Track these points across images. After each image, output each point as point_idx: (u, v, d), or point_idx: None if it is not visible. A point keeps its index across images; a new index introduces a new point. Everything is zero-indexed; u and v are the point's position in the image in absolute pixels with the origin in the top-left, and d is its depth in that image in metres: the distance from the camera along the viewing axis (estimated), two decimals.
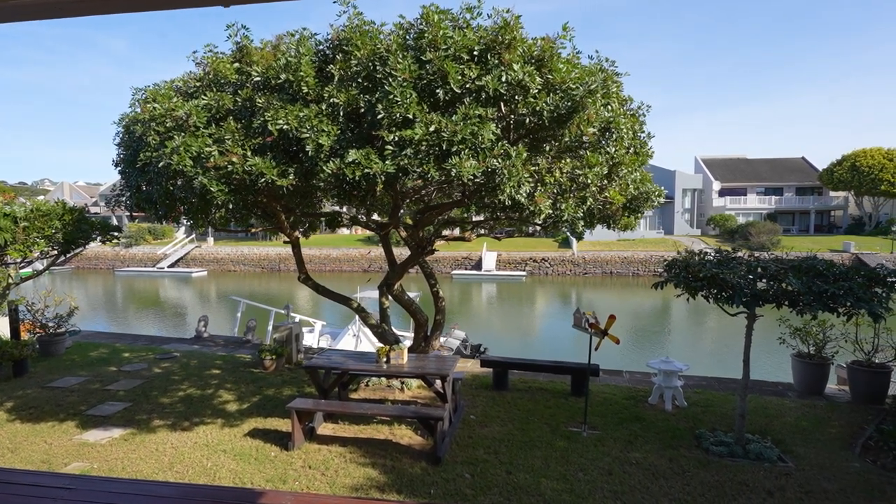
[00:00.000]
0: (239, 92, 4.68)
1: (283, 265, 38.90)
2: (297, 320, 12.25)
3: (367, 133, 4.26)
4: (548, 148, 4.68)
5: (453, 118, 3.85)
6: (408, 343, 11.73)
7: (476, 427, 6.44)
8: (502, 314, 24.23)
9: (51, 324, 10.59)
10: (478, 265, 37.10)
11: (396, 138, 3.92)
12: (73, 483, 3.76)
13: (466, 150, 3.82)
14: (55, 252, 6.71)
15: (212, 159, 4.24)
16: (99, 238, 7.22)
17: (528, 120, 4.17)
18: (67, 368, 9.17)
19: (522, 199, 4.13)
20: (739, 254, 5.84)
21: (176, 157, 4.31)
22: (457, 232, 9.51)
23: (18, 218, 5.60)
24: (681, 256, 5.92)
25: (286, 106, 4.30)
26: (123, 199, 6.09)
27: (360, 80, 4.25)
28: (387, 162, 3.95)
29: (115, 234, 7.31)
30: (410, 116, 3.87)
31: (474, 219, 8.54)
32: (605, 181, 4.86)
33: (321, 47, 4.76)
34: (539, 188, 4.35)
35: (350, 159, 3.97)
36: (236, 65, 4.88)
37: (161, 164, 4.42)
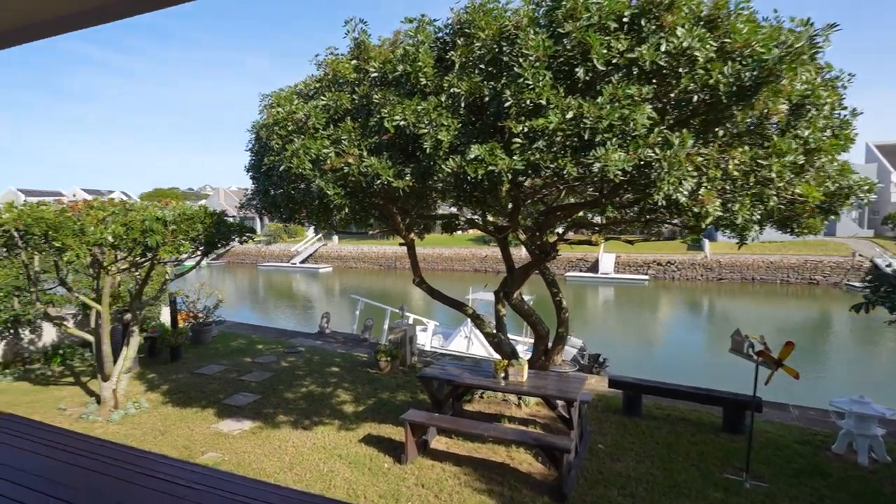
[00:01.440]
0: (356, 90, 4.47)
1: (399, 263, 40.44)
2: (410, 321, 12.29)
3: (491, 125, 3.75)
4: (721, 133, 3.73)
5: (598, 100, 3.16)
6: (520, 348, 11.11)
7: (606, 460, 5.62)
8: (623, 322, 22.32)
9: (201, 314, 11.89)
10: (594, 267, 34.88)
11: (526, 129, 3.34)
12: (203, 479, 3.86)
13: (614, 139, 3.11)
14: (199, 252, 7.26)
15: (329, 161, 4.07)
16: (237, 239, 7.70)
17: (696, 98, 3.32)
18: (212, 357, 10.11)
19: (683, 199, 3.29)
20: None
21: (296, 159, 4.22)
22: (577, 234, 8.64)
23: (168, 221, 6.06)
24: (892, 269, 4.50)
25: (403, 101, 3.96)
26: (254, 202, 6.34)
27: (483, 65, 3.75)
28: (514, 157, 3.39)
29: (250, 235, 7.74)
30: (543, 102, 3.26)
31: (600, 220, 7.60)
32: (794, 173, 3.75)
33: (440, 34, 4.36)
34: (705, 184, 3.46)
35: (472, 156, 3.49)
36: (354, 62, 4.70)
37: (282, 167, 4.38)
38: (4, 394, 7.98)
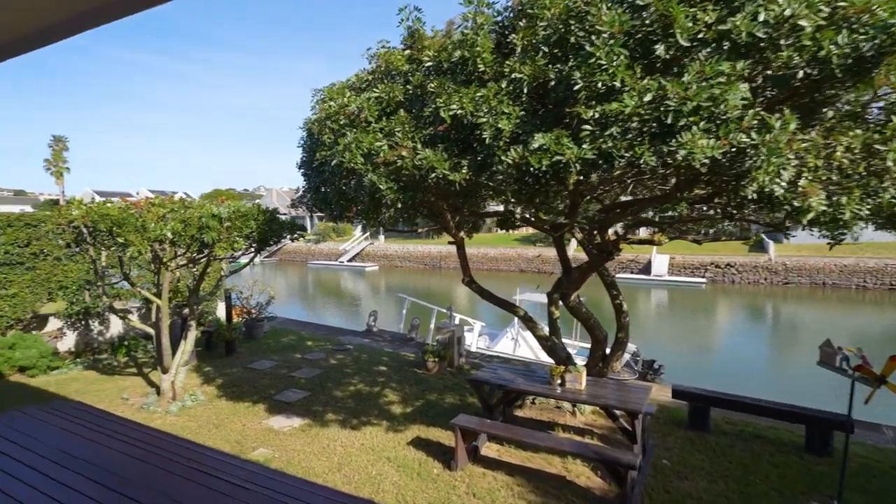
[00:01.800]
0: (410, 79, 4.30)
1: (444, 262, 40.40)
2: (457, 322, 12.09)
3: (556, 112, 3.46)
4: (830, 114, 3.25)
5: (683, 79, 2.80)
6: (571, 351, 10.63)
7: (673, 478, 5.17)
8: (679, 327, 21.19)
9: (254, 310, 12.19)
10: (646, 269, 33.43)
11: (597, 115, 3.03)
12: (254, 477, 3.83)
13: (701, 123, 2.75)
14: (253, 249, 7.35)
15: (381, 154, 3.92)
16: (288, 236, 7.75)
17: (800, 73, 2.89)
18: (264, 352, 10.30)
19: (779, 191, 2.88)
20: None
21: (348, 153, 4.09)
22: (634, 233, 8.11)
23: (223, 219, 6.13)
24: None
25: (460, 89, 3.74)
26: (305, 200, 6.32)
27: (547, 47, 3.46)
28: (584, 146, 3.09)
29: (301, 233, 7.79)
30: (617, 84, 2.94)
31: (657, 217, 7.05)
32: None
33: (499, 18, 4.11)
34: (805, 174, 3.01)
35: (536, 145, 3.21)
36: (407, 52, 4.53)
37: (334, 162, 4.27)
38: (76, 381, 8.42)
